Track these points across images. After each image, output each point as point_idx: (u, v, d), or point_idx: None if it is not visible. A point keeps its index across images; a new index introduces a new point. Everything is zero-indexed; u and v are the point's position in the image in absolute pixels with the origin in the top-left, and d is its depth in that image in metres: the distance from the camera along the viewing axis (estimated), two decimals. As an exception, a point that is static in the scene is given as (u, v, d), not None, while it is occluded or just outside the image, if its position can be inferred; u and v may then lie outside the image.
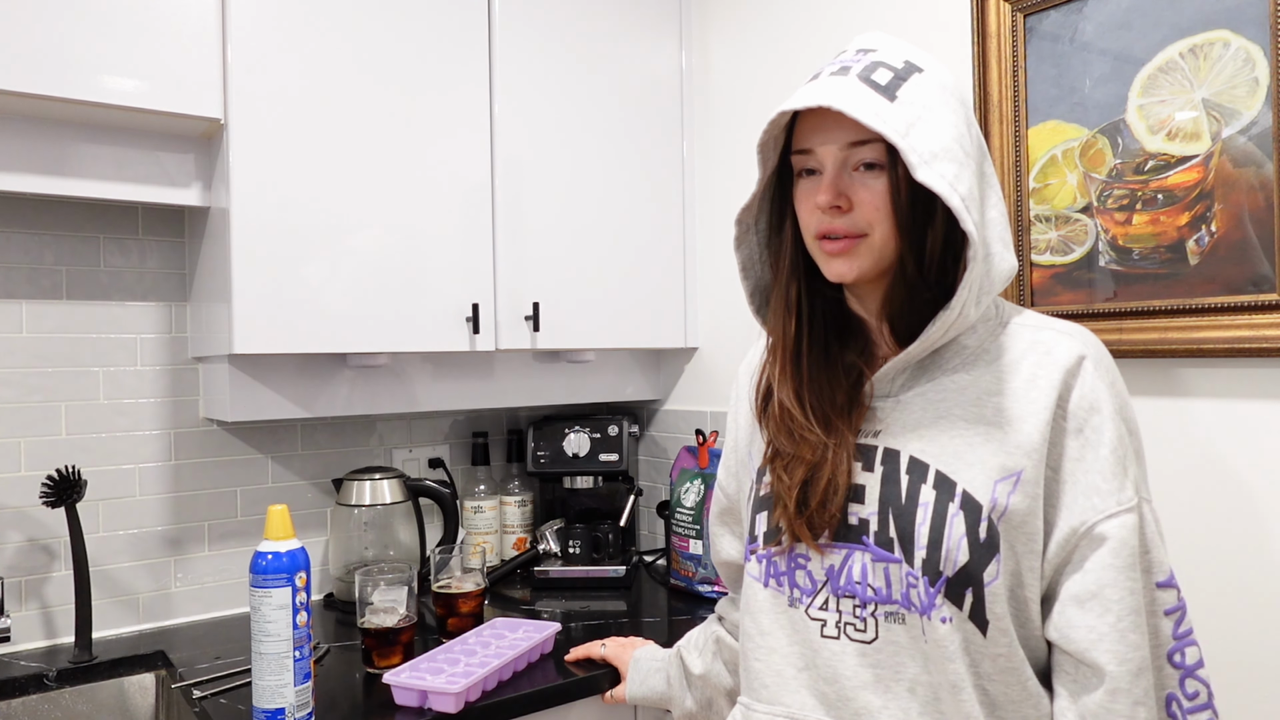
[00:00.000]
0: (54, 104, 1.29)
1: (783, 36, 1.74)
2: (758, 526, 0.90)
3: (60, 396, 1.55)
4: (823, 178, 0.81)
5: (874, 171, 0.80)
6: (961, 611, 0.76)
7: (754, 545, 0.90)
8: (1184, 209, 1.13)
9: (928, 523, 0.77)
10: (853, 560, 0.81)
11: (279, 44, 1.42)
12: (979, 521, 0.76)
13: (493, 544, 1.93)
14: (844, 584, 0.82)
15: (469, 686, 1.19)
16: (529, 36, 1.69)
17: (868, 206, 0.80)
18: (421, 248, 1.56)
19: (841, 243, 0.81)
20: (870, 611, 0.80)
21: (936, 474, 0.79)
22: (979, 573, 0.76)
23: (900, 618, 0.79)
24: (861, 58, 0.81)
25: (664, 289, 1.89)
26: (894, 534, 0.79)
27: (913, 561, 0.77)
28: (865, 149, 0.80)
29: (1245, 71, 1.07)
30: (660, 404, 2.05)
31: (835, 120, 0.80)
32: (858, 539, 0.81)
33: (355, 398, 1.63)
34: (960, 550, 0.76)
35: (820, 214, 0.82)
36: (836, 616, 0.82)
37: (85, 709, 1.41)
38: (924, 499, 0.78)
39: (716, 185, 1.91)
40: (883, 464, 0.82)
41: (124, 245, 1.60)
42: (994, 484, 0.77)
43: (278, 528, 1.09)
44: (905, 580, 0.78)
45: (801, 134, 0.83)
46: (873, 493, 0.81)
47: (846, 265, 0.82)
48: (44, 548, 1.53)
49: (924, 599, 0.77)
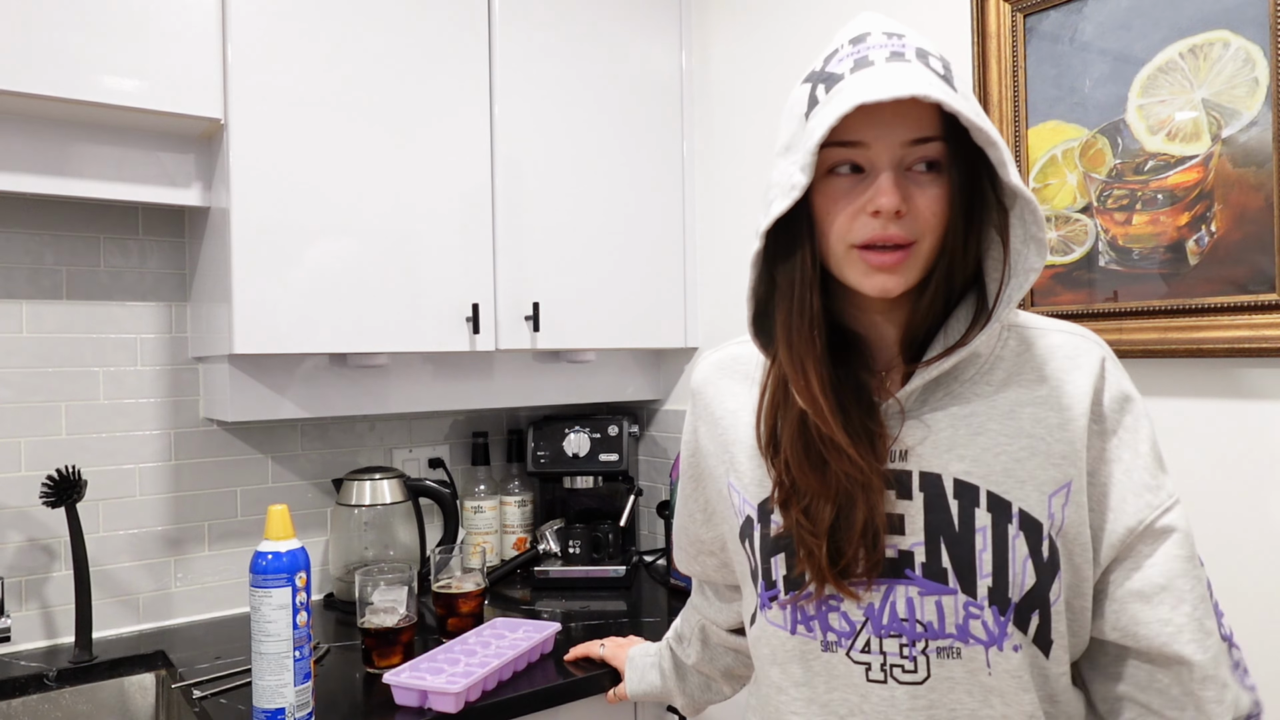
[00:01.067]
0: (54, 104, 1.29)
1: (782, 36, 1.74)
2: (774, 570, 0.79)
3: (60, 396, 1.55)
4: (878, 178, 0.71)
5: (929, 174, 0.72)
6: (1027, 636, 0.72)
7: (773, 593, 0.79)
8: (1184, 209, 1.13)
9: (989, 549, 0.72)
10: (895, 596, 0.74)
11: (279, 44, 1.42)
12: (1040, 540, 0.72)
13: (493, 544, 1.93)
14: (887, 623, 0.74)
15: (469, 686, 1.19)
16: (529, 36, 1.69)
17: (925, 213, 0.71)
18: (421, 248, 1.56)
19: (894, 255, 0.71)
20: (920, 649, 0.74)
21: (989, 495, 0.73)
22: (1045, 593, 0.72)
23: (955, 652, 0.73)
24: (900, 43, 0.72)
25: (664, 289, 1.89)
26: (947, 564, 0.73)
27: (974, 591, 0.72)
28: (927, 147, 0.71)
29: (1245, 71, 1.07)
30: (660, 404, 2.05)
31: (893, 112, 0.70)
32: (899, 573, 0.74)
33: (355, 398, 1.64)
34: (1027, 574, 0.72)
35: (870, 220, 0.71)
36: (881, 659, 0.75)
37: (85, 709, 1.41)
38: (980, 523, 0.72)
39: (717, 185, 1.91)
40: (922, 490, 0.74)
41: (124, 245, 1.60)
42: (1049, 499, 0.73)
43: (278, 528, 1.09)
44: (963, 611, 0.72)
45: (849, 125, 0.71)
46: (915, 522, 0.74)
47: (895, 280, 0.72)
48: (44, 548, 1.53)
49: (992, 630, 0.72)
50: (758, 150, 1.80)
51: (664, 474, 2.02)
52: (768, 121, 1.77)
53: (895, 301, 0.78)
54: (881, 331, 0.80)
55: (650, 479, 2.07)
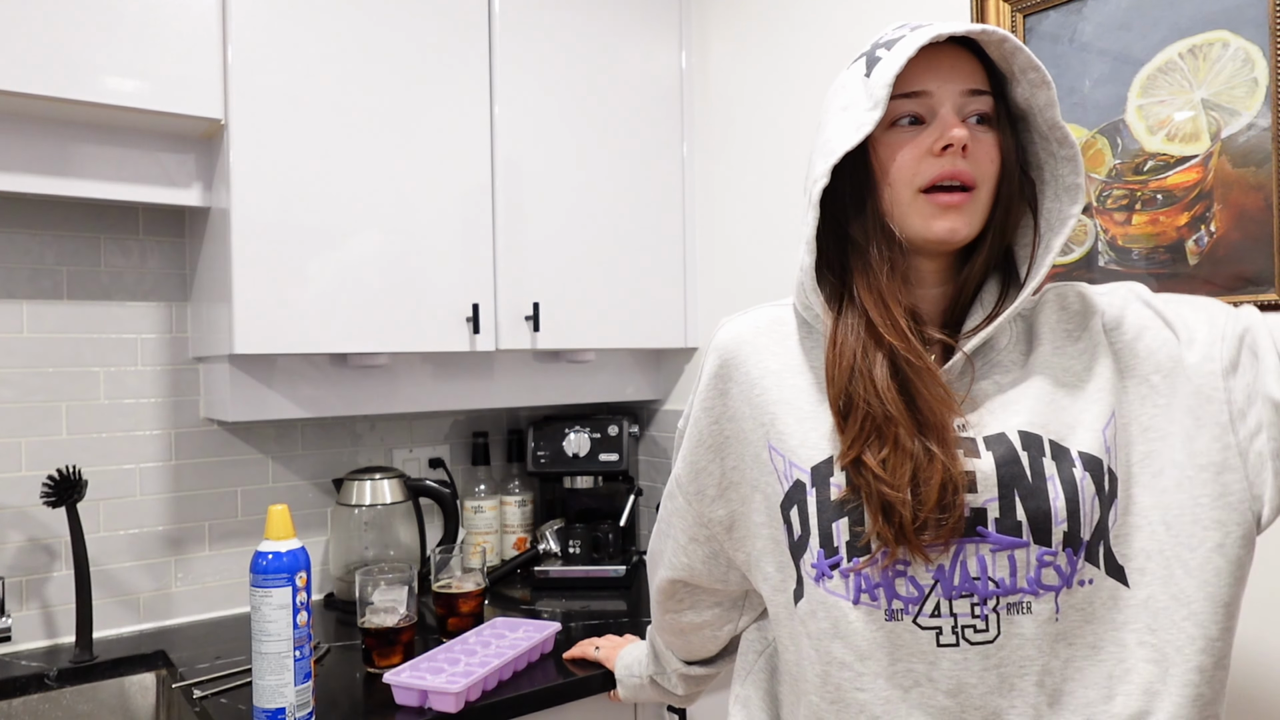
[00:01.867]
0: (55, 104, 1.29)
1: (782, 37, 1.74)
2: (837, 536, 0.76)
3: (60, 396, 1.55)
4: (941, 118, 0.76)
5: (983, 126, 0.77)
6: (1100, 569, 0.73)
7: (835, 559, 0.76)
8: (1183, 209, 1.13)
9: (1061, 495, 0.72)
10: (965, 555, 0.73)
11: (279, 44, 1.42)
12: (1102, 475, 0.74)
13: (493, 544, 1.93)
14: (959, 583, 0.73)
15: (469, 686, 1.19)
16: (529, 37, 1.69)
17: (984, 159, 0.76)
18: (422, 248, 1.56)
19: (961, 195, 0.75)
20: (992, 607, 0.73)
21: (1051, 444, 0.74)
22: (1105, 523, 0.73)
23: (1026, 606, 0.72)
24: None
25: (664, 289, 1.89)
26: (1022, 517, 0.72)
27: (1048, 540, 0.72)
28: (981, 100, 0.77)
29: (1244, 72, 1.07)
30: (660, 404, 2.05)
31: (949, 63, 0.76)
32: (971, 532, 0.73)
33: (356, 398, 1.64)
34: (1095, 510, 0.73)
35: (935, 160, 0.75)
36: (952, 621, 0.73)
37: (86, 709, 1.42)
38: (1049, 472, 0.73)
39: (717, 185, 1.91)
40: (990, 449, 0.75)
41: (124, 245, 1.60)
42: (1102, 433, 0.74)
43: (278, 528, 1.10)
44: (1035, 563, 0.72)
45: (905, 76, 0.76)
46: (988, 479, 0.73)
47: (962, 220, 0.76)
48: (44, 548, 1.53)
49: (1065, 571, 0.72)
50: (758, 151, 1.80)
51: (664, 474, 2.03)
52: (768, 121, 1.78)
53: (943, 270, 0.81)
54: (929, 304, 0.82)
55: (650, 479, 2.07)
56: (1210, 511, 0.72)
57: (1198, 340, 0.75)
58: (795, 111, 1.72)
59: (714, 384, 0.89)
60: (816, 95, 1.67)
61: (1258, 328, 0.75)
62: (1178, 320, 0.77)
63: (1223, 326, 0.75)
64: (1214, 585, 0.71)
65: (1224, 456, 0.72)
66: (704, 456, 0.89)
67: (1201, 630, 0.71)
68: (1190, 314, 0.77)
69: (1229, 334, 0.74)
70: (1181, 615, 0.72)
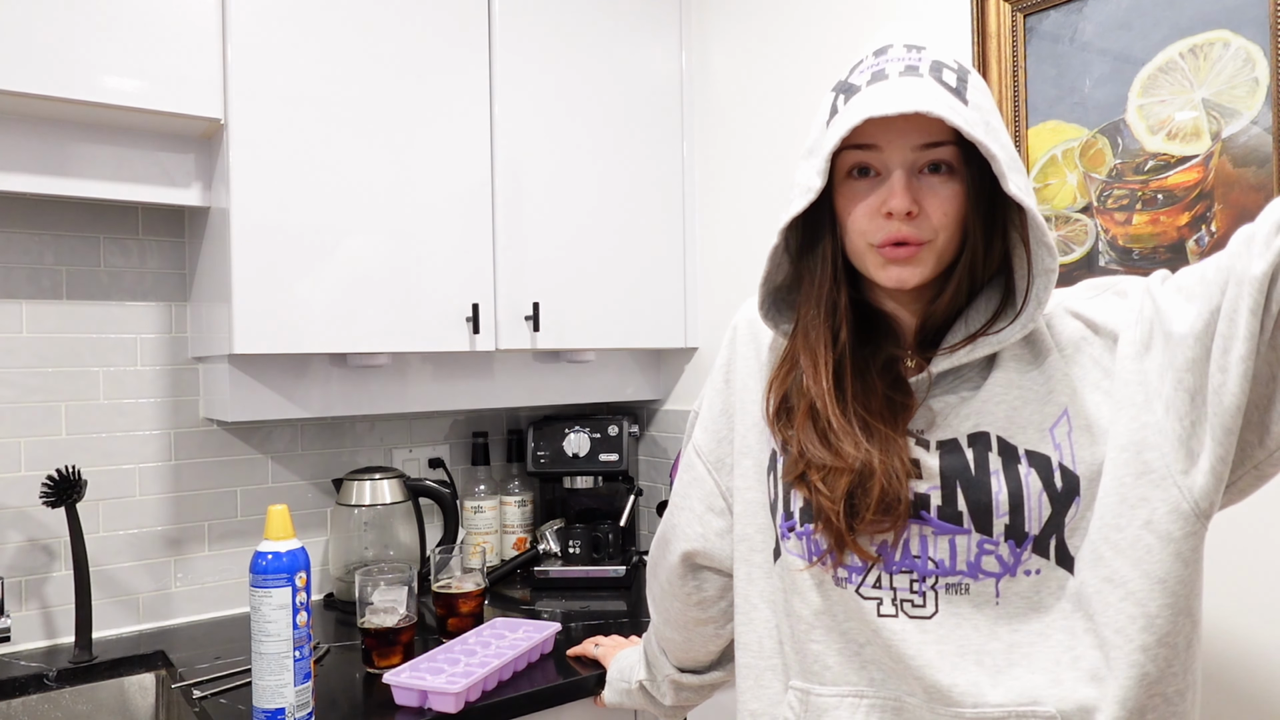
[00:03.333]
0: (54, 104, 1.29)
1: (782, 37, 1.74)
2: (793, 502, 0.84)
3: (60, 396, 1.55)
4: (890, 180, 0.77)
5: (941, 175, 0.77)
6: (1049, 560, 0.76)
7: (790, 524, 0.84)
8: (1184, 209, 1.13)
9: (1004, 489, 0.76)
10: (909, 535, 0.78)
11: (279, 44, 1.42)
12: (1051, 473, 0.76)
13: (493, 544, 1.93)
14: (900, 559, 0.78)
15: (469, 686, 1.19)
16: (529, 36, 1.69)
17: (937, 213, 0.77)
18: (421, 247, 1.56)
19: (908, 249, 0.77)
20: (930, 585, 0.78)
21: (998, 440, 0.77)
22: (1061, 519, 0.75)
23: (964, 588, 0.77)
24: (917, 56, 0.78)
25: (664, 289, 1.89)
26: (963, 507, 0.76)
27: (989, 530, 0.76)
28: (938, 150, 0.77)
29: (1245, 71, 1.07)
30: (660, 404, 2.05)
31: (904, 120, 0.76)
32: (914, 514, 0.78)
33: (355, 398, 1.64)
34: (1043, 506, 0.75)
35: (884, 221, 0.77)
36: (892, 594, 0.79)
37: (85, 709, 1.41)
38: (993, 467, 0.77)
39: (716, 185, 1.91)
40: (939, 449, 0.79)
41: (124, 245, 1.60)
42: (1050, 432, 0.77)
43: (278, 528, 1.09)
44: (975, 549, 0.76)
45: (863, 131, 0.77)
46: (931, 470, 0.78)
47: (911, 272, 0.78)
48: (44, 548, 1.53)
49: (1006, 561, 0.76)
50: (758, 151, 1.80)
51: (664, 474, 2.02)
52: (767, 122, 1.78)
53: (914, 293, 0.83)
54: (906, 313, 0.85)
55: (650, 479, 2.07)
56: (1135, 489, 0.73)
57: (1122, 331, 0.77)
58: (795, 111, 1.72)
59: (730, 357, 0.97)
60: (816, 95, 1.67)
61: (1156, 288, 0.76)
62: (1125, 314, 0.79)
63: (1138, 309, 0.77)
64: (1148, 563, 0.72)
65: (1142, 435, 0.73)
66: (724, 425, 0.96)
67: (1141, 609, 0.72)
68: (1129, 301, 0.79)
69: (1144, 315, 0.76)
70: (1117, 596, 0.73)
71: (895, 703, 0.79)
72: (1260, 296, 0.66)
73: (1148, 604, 0.71)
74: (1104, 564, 0.73)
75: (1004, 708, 0.74)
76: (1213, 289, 0.70)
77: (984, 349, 0.79)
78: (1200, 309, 0.71)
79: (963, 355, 0.79)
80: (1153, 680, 0.71)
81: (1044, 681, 0.74)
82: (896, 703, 0.79)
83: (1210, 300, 0.70)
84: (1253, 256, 0.67)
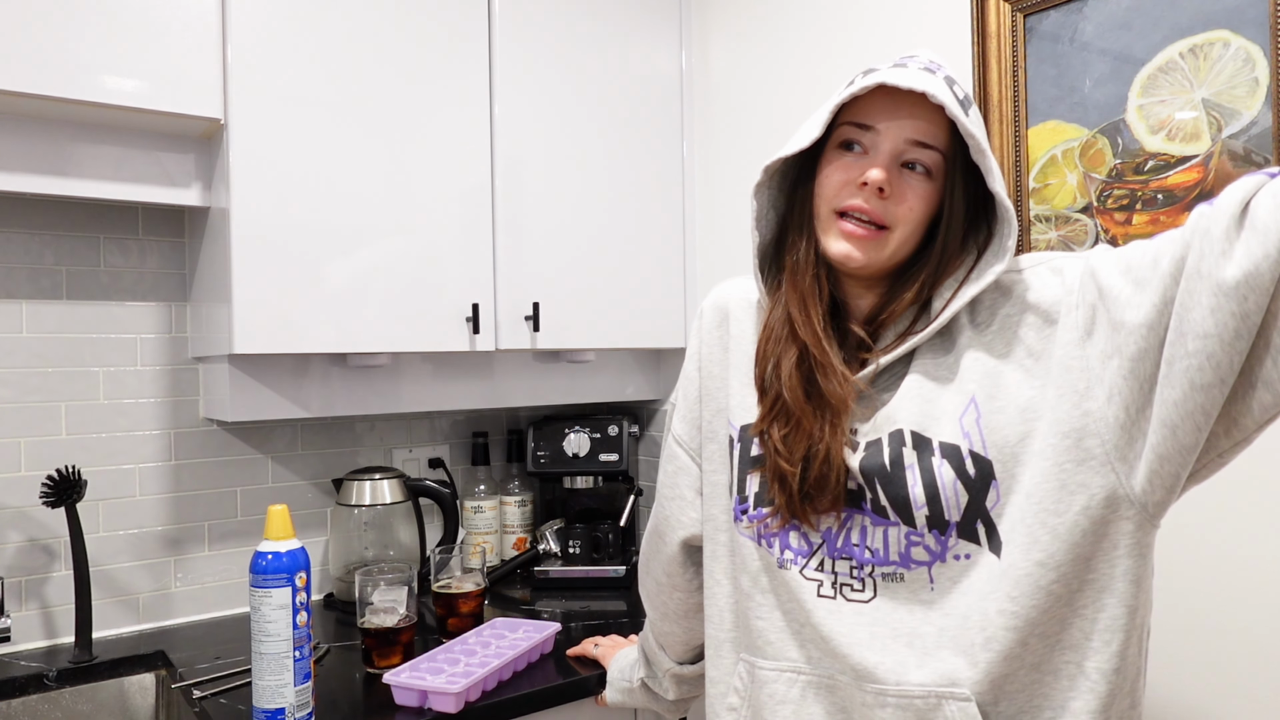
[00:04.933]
0: (54, 104, 1.29)
1: (783, 36, 1.74)
2: (749, 486, 0.89)
3: (60, 396, 1.55)
4: (873, 155, 0.82)
5: (919, 175, 0.82)
6: (980, 546, 0.78)
7: (744, 505, 0.89)
8: (1184, 209, 1.13)
9: (919, 483, 0.79)
10: (852, 523, 0.83)
11: (279, 44, 1.42)
12: (963, 461, 0.78)
13: (493, 544, 1.93)
14: (841, 546, 0.83)
15: (469, 686, 1.19)
16: (529, 36, 1.69)
17: (904, 206, 0.81)
18: (422, 247, 1.56)
19: (865, 229, 0.82)
20: (868, 572, 0.82)
21: (913, 434, 0.80)
22: (981, 504, 0.78)
23: (899, 577, 0.81)
24: (935, 65, 0.83)
25: (664, 289, 1.89)
26: (885, 502, 0.80)
27: (913, 522, 0.79)
28: (926, 151, 0.81)
29: (1245, 71, 1.07)
30: (660, 404, 2.05)
31: (908, 110, 0.81)
32: (857, 504, 0.83)
33: (356, 398, 1.64)
34: (959, 494, 0.78)
35: (855, 190, 0.81)
36: (833, 578, 0.83)
37: (85, 709, 1.41)
38: (909, 461, 0.80)
39: (716, 185, 1.91)
40: (865, 449, 0.83)
41: (124, 245, 1.60)
42: (959, 421, 0.79)
43: (278, 528, 1.10)
44: (905, 541, 0.80)
45: (864, 109, 0.82)
46: (855, 471, 0.82)
47: (858, 253, 0.82)
48: (44, 548, 1.53)
49: (934, 550, 0.79)
50: (758, 150, 1.80)
51: (664, 474, 2.02)
52: (768, 121, 1.77)
53: (862, 280, 0.87)
54: (857, 300, 0.89)
55: (650, 479, 2.07)
56: (1075, 475, 0.74)
57: (1061, 314, 0.78)
58: (795, 111, 1.72)
59: (699, 345, 1.00)
60: (816, 95, 1.67)
61: (1100, 270, 0.76)
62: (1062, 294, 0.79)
63: (1079, 291, 0.77)
64: (1081, 546, 0.74)
65: (1084, 422, 0.74)
66: (697, 411, 1.00)
67: (1068, 590, 0.75)
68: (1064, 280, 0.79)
69: (1085, 299, 0.76)
70: (1050, 580, 0.74)
71: (829, 680, 0.84)
72: (1224, 301, 0.64)
73: (1073, 583, 0.75)
74: (1039, 548, 0.75)
75: (925, 687, 0.77)
76: (1166, 280, 0.69)
77: (889, 358, 0.83)
78: (1153, 299, 0.70)
79: (883, 362, 0.83)
80: (1030, 665, 0.76)
81: (963, 664, 0.76)
82: (830, 680, 0.84)
83: (1164, 291, 0.69)
84: (1217, 255, 0.65)
